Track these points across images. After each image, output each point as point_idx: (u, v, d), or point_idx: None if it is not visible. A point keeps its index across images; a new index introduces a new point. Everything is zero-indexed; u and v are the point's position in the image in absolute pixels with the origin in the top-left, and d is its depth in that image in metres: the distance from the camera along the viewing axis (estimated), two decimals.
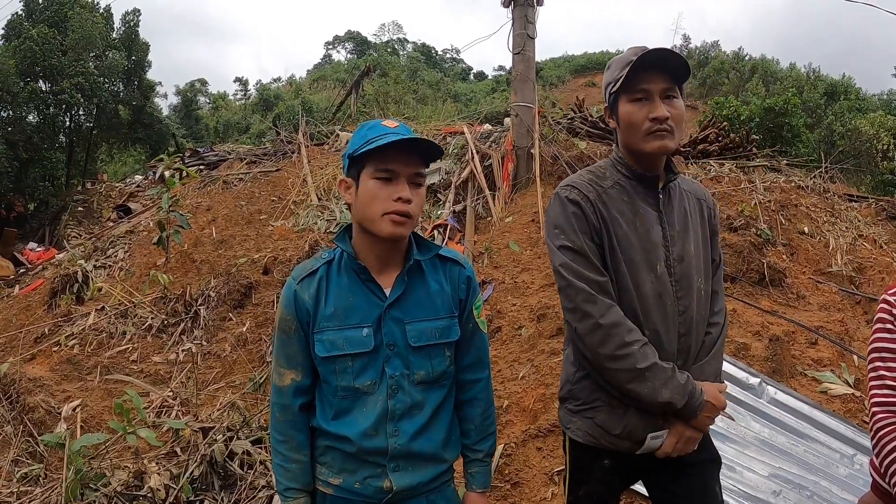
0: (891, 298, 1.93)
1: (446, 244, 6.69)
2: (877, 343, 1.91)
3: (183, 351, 6.54)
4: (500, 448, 4.19)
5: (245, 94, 52.74)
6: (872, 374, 1.89)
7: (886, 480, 1.79)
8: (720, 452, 3.94)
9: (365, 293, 1.94)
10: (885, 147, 18.83)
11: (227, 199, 11.28)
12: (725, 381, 2.26)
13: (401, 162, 1.86)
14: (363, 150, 1.83)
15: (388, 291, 1.95)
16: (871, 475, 1.96)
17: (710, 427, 4.09)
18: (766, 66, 38.71)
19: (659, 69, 2.04)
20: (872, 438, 1.85)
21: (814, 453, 4.16)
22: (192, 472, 3.78)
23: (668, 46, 2.08)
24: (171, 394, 5.69)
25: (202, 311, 7.06)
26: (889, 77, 45.97)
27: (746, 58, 41.25)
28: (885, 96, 38.49)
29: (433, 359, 1.98)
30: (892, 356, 1.86)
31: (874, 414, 1.85)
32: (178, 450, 4.15)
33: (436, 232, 6.84)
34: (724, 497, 3.62)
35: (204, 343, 6.66)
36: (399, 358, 1.94)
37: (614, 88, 2.10)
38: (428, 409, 1.98)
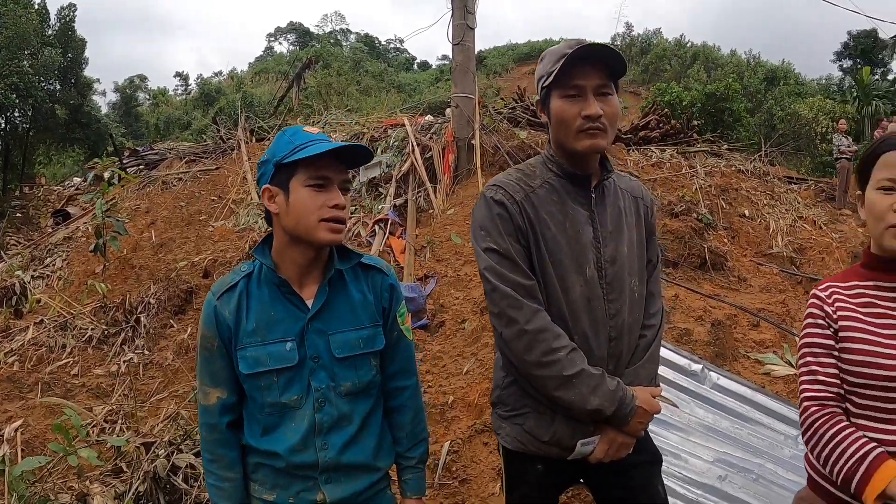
0: (821, 294, 1.91)
1: (387, 239, 6.56)
2: (807, 339, 1.89)
3: (124, 362, 6.36)
4: (446, 445, 4.14)
5: (186, 90, 51.74)
6: (804, 370, 1.88)
7: (828, 471, 1.78)
8: (664, 441, 3.98)
9: (286, 306, 1.89)
10: (824, 130, 19.41)
11: (166, 200, 11.01)
12: (661, 385, 2.20)
13: (333, 169, 1.83)
14: (295, 157, 1.79)
15: (310, 303, 1.90)
16: (807, 470, 1.93)
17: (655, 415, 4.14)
18: (707, 53, 39.44)
19: (594, 65, 1.94)
20: (805, 433, 1.83)
21: (758, 436, 4.18)
22: (136, 489, 3.68)
23: (612, 34, 1.98)
24: (113, 408, 5.50)
25: (143, 318, 6.90)
26: (828, 62, 47.32)
27: (688, 45, 41.93)
28: (824, 81, 39.68)
29: (359, 369, 1.93)
30: (823, 351, 1.84)
31: (806, 409, 1.84)
32: (123, 466, 4.03)
33: (377, 227, 6.71)
34: (671, 484, 3.64)
35: (146, 352, 6.50)
36: (324, 370, 1.89)
37: (547, 82, 2.00)
38: (356, 419, 1.94)
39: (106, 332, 6.84)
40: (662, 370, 4.43)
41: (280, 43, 73.90)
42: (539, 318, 1.91)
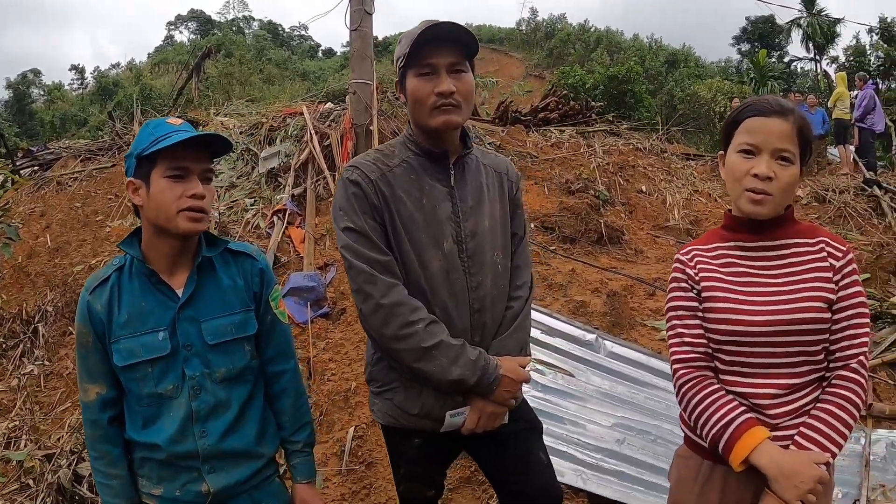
0: (683, 257, 1.96)
1: (287, 229, 6.45)
2: (673, 302, 1.93)
3: (24, 374, 6.05)
4: (351, 430, 4.15)
5: (82, 84, 49.36)
6: (671, 333, 1.92)
7: (698, 433, 1.83)
8: (563, 409, 4.08)
9: (157, 296, 1.90)
10: (722, 109, 20.23)
11: (61, 201, 10.50)
12: (531, 355, 2.25)
13: (192, 159, 1.85)
14: (152, 149, 1.81)
15: (180, 292, 1.92)
16: (682, 429, 1.99)
17: (550, 385, 4.21)
18: (610, 38, 40.50)
19: (446, 44, 1.99)
20: (677, 395, 1.89)
21: (654, 399, 4.34)
22: (42, 502, 3.66)
23: (517, 19, 2.00)
24: (16, 423, 5.23)
25: (41, 328, 6.58)
26: (727, 46, 49.45)
27: (592, 30, 42.95)
28: (723, 63, 41.46)
29: (233, 355, 1.95)
30: (688, 314, 1.89)
31: (675, 371, 1.89)
32: (29, 482, 3.96)
33: (276, 217, 6.59)
34: (570, 451, 3.73)
35: (46, 363, 6.23)
36: (198, 358, 1.90)
37: (402, 63, 2.04)
38: (235, 405, 1.95)
39: (3, 346, 6.53)
40: (557, 341, 4.54)
41: (181, 32, 71.41)
42: (395, 293, 1.95)
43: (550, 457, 2.36)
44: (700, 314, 1.87)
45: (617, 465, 3.72)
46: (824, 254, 1.81)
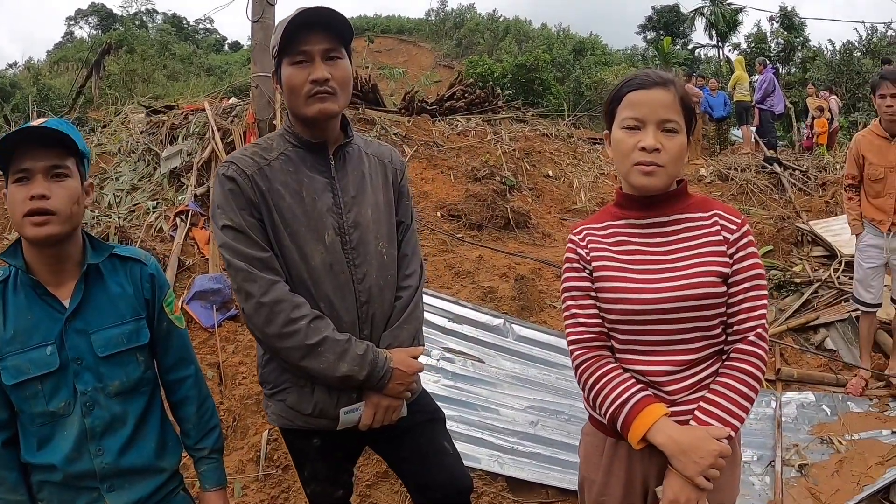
0: (575, 238, 1.95)
1: (190, 231, 6.27)
2: (567, 283, 1.92)
3: None
4: (265, 434, 4.06)
5: None
6: (566, 314, 1.92)
7: (598, 412, 1.84)
8: (475, 396, 4.12)
9: (43, 308, 1.80)
10: None
11: None
12: (423, 346, 2.23)
13: (32, 158, 1.73)
14: None
15: (67, 303, 1.82)
16: (586, 408, 1.98)
17: (460, 372, 4.26)
18: (519, 27, 40.99)
19: (320, 30, 1.95)
20: (575, 375, 1.89)
21: (566, 379, 4.41)
22: None
23: (427, 9, 1.96)
24: None
25: None
26: (633, 34, 50.87)
27: (500, 19, 43.34)
28: (629, 51, 42.59)
29: (126, 366, 1.87)
30: (581, 294, 1.88)
31: (572, 352, 1.88)
32: None
33: (178, 219, 6.38)
34: (484, 436, 3.75)
35: None
36: (89, 371, 1.81)
37: (276, 52, 1.99)
38: (131, 420, 1.87)
39: None
40: (465, 328, 4.59)
41: (81, 27, 67.74)
42: (276, 290, 1.91)
43: (466, 444, 2.37)
44: (593, 294, 1.86)
45: (533, 447, 3.77)
46: (717, 227, 1.80)
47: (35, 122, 1.75)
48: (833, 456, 3.87)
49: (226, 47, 60.35)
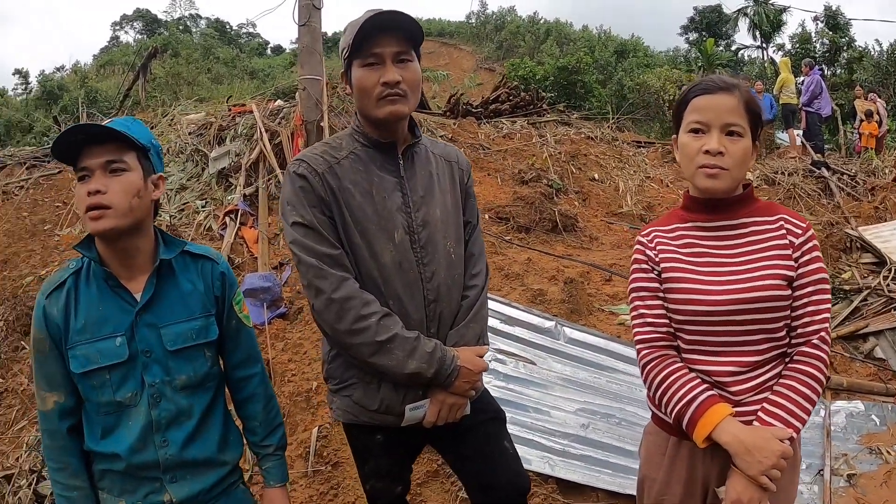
0: (643, 239, 1.99)
1: (239, 230, 6.35)
2: (635, 283, 1.97)
3: None
4: (314, 431, 4.09)
5: (26, 88, 47.67)
6: (634, 314, 1.96)
7: (663, 411, 1.87)
8: (526, 397, 4.09)
9: (115, 300, 1.84)
10: (671, 97, 20.53)
11: (7, 211, 10.13)
12: (490, 344, 2.25)
13: (90, 156, 1.78)
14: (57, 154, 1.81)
15: (138, 296, 1.86)
16: (650, 407, 2.03)
17: (512, 374, 4.23)
18: (560, 29, 40.82)
19: (391, 32, 1.97)
20: (641, 374, 1.92)
21: (616, 382, 4.38)
22: None
23: (467, 12, 1.97)
24: None
25: None
26: (675, 36, 50.44)
27: (541, 21, 43.20)
28: (671, 53, 42.11)
29: (194, 361, 1.91)
30: (649, 294, 1.92)
31: (639, 351, 1.92)
32: None
33: (228, 219, 6.48)
34: (536, 438, 3.75)
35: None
36: (158, 364, 1.85)
37: (347, 53, 2.01)
38: (196, 414, 1.91)
39: None
40: (517, 330, 4.56)
41: (126, 32, 69.63)
42: (346, 287, 1.93)
43: (517, 445, 2.37)
44: (661, 294, 1.89)
45: (583, 449, 3.76)
46: (783, 231, 1.83)
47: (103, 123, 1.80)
48: (882, 466, 3.81)
49: (268, 51, 61.19)
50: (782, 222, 1.85)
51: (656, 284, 1.91)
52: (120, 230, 1.79)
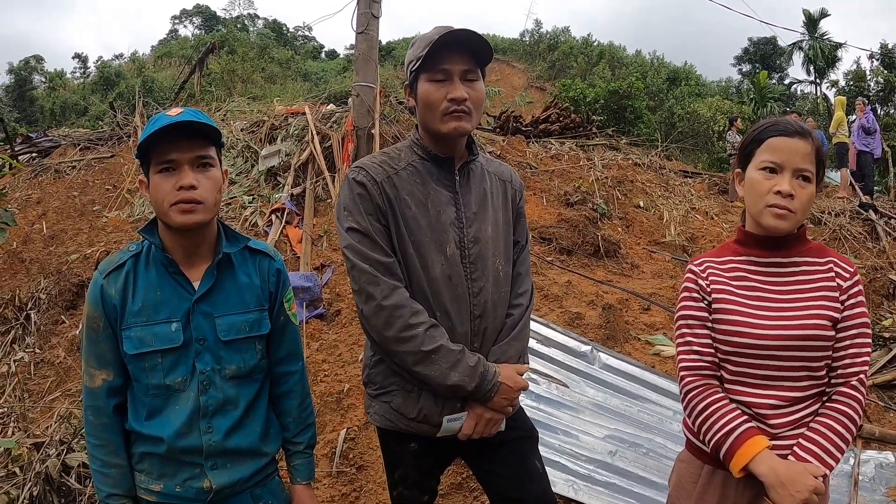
0: (695, 268, 2.01)
1: (284, 228, 6.45)
2: (683, 311, 2.00)
3: (14, 361, 6.00)
4: (342, 433, 4.13)
5: (84, 73, 49.05)
6: (680, 341, 1.98)
7: (701, 439, 1.90)
8: (556, 419, 4.08)
9: (173, 286, 1.88)
10: (721, 128, 20.31)
11: (58, 189, 10.44)
12: (528, 364, 2.26)
13: (178, 150, 1.80)
14: (142, 146, 1.80)
15: (196, 285, 1.90)
16: (685, 434, 2.06)
17: (544, 395, 4.21)
18: (613, 52, 40.55)
19: (461, 50, 2.00)
20: (683, 400, 1.95)
21: (647, 412, 4.36)
22: (28, 491, 3.56)
23: (521, 30, 2.01)
24: (4, 409, 5.17)
25: (33, 315, 6.51)
26: (728, 66, 49.93)
27: (595, 43, 43.01)
28: (723, 83, 41.62)
29: (244, 353, 1.94)
30: (697, 323, 1.95)
31: (682, 378, 1.95)
32: (16, 470, 3.86)
33: (274, 216, 6.58)
34: (563, 461, 3.73)
35: (37, 350, 6.18)
36: (209, 353, 1.89)
37: (415, 67, 2.05)
38: (242, 403, 1.94)
39: None
40: (553, 352, 4.55)
41: (185, 26, 71.14)
42: (397, 295, 1.96)
43: None
44: (709, 324, 1.93)
45: (608, 476, 3.73)
46: (832, 273, 1.88)
47: (171, 112, 1.82)
48: None
49: (322, 55, 61.92)
50: (832, 265, 1.90)
51: (705, 314, 1.94)
52: (206, 223, 1.85)
